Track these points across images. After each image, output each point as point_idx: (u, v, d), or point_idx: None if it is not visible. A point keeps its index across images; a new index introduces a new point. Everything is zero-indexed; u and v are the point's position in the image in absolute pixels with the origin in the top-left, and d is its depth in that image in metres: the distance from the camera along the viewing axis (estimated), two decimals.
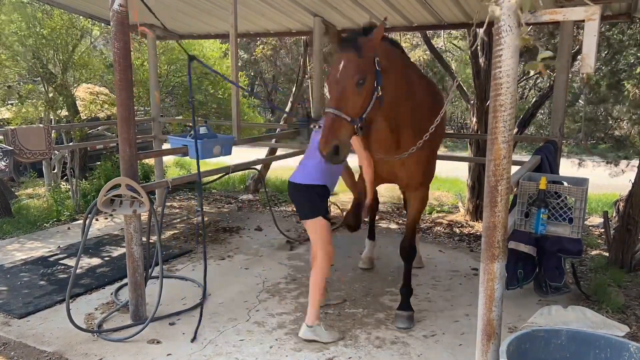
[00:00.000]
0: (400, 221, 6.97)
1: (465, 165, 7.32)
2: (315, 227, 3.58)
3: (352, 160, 3.73)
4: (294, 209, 3.97)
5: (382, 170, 3.84)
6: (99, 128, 8.58)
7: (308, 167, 3.65)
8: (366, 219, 4.80)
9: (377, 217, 5.56)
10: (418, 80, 3.66)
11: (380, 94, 3.05)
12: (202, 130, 4.60)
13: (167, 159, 10.53)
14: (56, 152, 6.73)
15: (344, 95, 2.94)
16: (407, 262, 3.99)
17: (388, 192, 8.53)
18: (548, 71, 2.10)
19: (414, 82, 3.55)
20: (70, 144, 7.38)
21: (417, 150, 3.57)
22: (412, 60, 4.91)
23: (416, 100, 3.52)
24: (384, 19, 3.31)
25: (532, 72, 7.68)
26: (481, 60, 6.74)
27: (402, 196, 5.86)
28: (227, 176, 7.35)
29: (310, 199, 3.58)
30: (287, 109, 8.68)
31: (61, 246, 5.66)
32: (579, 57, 5.77)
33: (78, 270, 3.81)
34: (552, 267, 4.23)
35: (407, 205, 4.34)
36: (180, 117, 8.99)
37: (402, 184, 4.10)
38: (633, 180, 4.96)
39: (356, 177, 4.12)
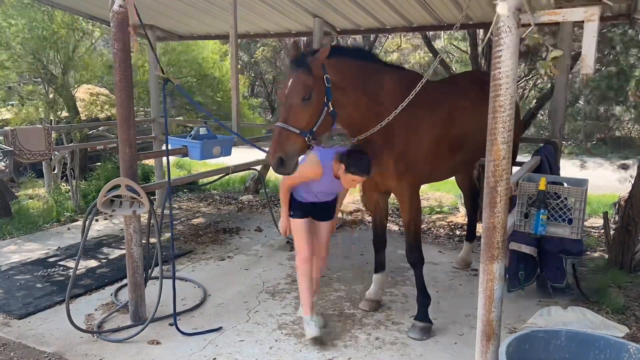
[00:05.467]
0: (401, 222, 6.96)
1: None
2: (333, 225, 4.01)
3: None
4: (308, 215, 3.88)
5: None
6: (99, 129, 8.59)
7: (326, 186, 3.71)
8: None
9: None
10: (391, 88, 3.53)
11: (331, 109, 3.21)
12: (202, 131, 4.61)
13: None
14: (56, 152, 6.73)
15: (291, 110, 3.12)
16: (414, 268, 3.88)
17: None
18: (550, 72, 2.09)
19: (377, 92, 3.47)
20: (70, 144, 7.38)
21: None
22: (412, 61, 4.80)
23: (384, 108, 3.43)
24: (337, 35, 3.63)
25: (532, 73, 7.71)
26: (481, 61, 6.75)
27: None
28: (227, 177, 7.35)
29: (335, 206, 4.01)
30: None
31: (61, 247, 5.66)
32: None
33: (78, 271, 3.81)
34: (553, 267, 4.23)
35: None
36: (180, 118, 9.00)
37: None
38: (633, 181, 4.95)
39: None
